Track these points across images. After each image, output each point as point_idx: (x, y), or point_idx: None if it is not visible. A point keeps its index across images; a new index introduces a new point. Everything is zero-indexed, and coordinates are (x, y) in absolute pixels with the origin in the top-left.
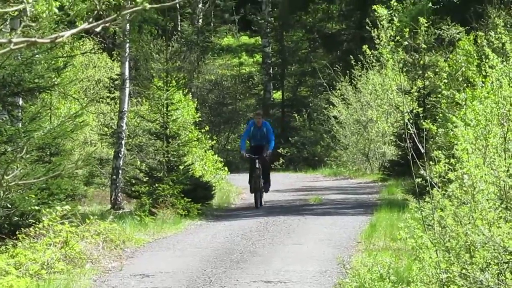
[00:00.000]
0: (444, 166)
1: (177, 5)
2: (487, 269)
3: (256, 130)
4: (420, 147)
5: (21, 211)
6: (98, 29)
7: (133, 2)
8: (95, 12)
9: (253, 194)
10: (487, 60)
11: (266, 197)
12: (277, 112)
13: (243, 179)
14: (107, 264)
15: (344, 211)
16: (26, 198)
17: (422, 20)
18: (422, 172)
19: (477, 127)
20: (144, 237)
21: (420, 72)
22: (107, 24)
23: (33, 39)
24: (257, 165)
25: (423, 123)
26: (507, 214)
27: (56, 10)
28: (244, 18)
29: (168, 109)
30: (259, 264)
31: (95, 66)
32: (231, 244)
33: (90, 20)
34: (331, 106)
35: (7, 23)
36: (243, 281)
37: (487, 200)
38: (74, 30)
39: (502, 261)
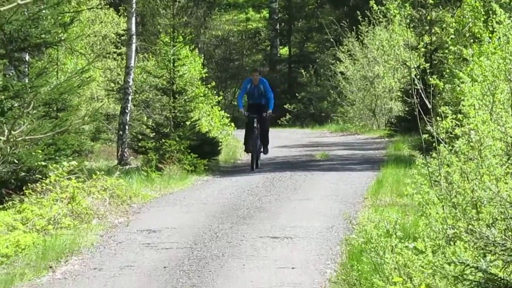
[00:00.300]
0: (451, 122)
1: None
2: (493, 225)
3: (253, 88)
4: (427, 102)
5: (27, 167)
6: None
7: None
8: None
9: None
10: (494, 16)
11: (273, 153)
12: (283, 68)
13: None
14: (113, 220)
15: (350, 167)
16: (33, 153)
17: None
18: (428, 128)
19: (484, 83)
20: (151, 193)
21: (427, 27)
22: None
23: None
24: (255, 125)
25: (430, 78)
26: None
27: None
28: None
29: (175, 64)
30: (266, 220)
31: (101, 22)
32: (237, 199)
33: None
34: (337, 62)
35: None
36: (249, 236)
37: (494, 156)
38: None
39: (508, 217)
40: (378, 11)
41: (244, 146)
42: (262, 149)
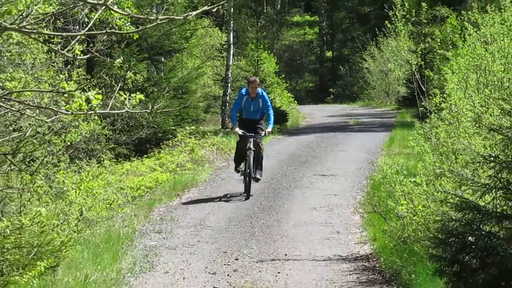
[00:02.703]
0: (439, 99)
1: None
2: (466, 166)
3: (250, 102)
4: (422, 87)
5: (163, 130)
6: (213, 10)
7: None
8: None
9: (241, 175)
10: (466, 30)
11: (321, 120)
12: (328, 65)
13: (307, 108)
14: (219, 164)
15: (372, 129)
16: (166, 121)
17: (423, 4)
18: (424, 103)
19: (460, 74)
20: None
21: (422, 38)
22: (218, 7)
23: (171, 17)
24: (251, 145)
25: (425, 71)
26: (480, 130)
27: None
28: (307, 3)
29: (258, 63)
30: (318, 164)
31: (210, 36)
32: (299, 151)
33: (208, 4)
34: (364, 61)
35: (154, 8)
36: (307, 174)
37: (467, 121)
38: (198, 11)
39: (476, 161)
40: (390, 28)
41: (234, 164)
42: (256, 175)
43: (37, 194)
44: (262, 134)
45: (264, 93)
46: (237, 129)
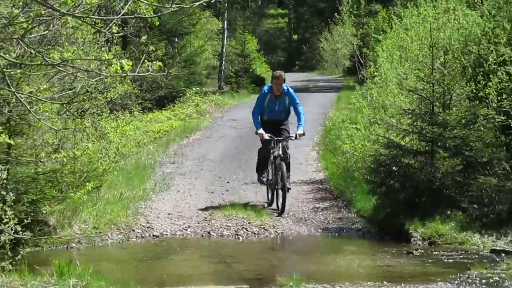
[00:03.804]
0: (373, 69)
1: None
2: (392, 117)
3: (273, 101)
4: (361, 60)
5: (176, 90)
6: (212, 2)
7: None
8: None
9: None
10: (392, 20)
11: (291, 84)
12: (294, 45)
13: None
14: (216, 115)
15: (325, 91)
16: (178, 83)
17: (362, 1)
18: (362, 72)
19: (387, 51)
20: (233, 102)
21: (361, 26)
22: (216, 1)
23: (181, 5)
24: (279, 152)
25: (363, 49)
26: (402, 91)
27: None
28: (280, 0)
29: (244, 43)
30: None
31: (210, 23)
32: None
33: None
34: (320, 42)
35: (170, 0)
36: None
37: (392, 85)
38: (199, 2)
39: (399, 113)
40: (339, 18)
41: (257, 173)
42: (287, 184)
43: (86, 134)
44: (293, 138)
45: (290, 90)
46: (261, 131)
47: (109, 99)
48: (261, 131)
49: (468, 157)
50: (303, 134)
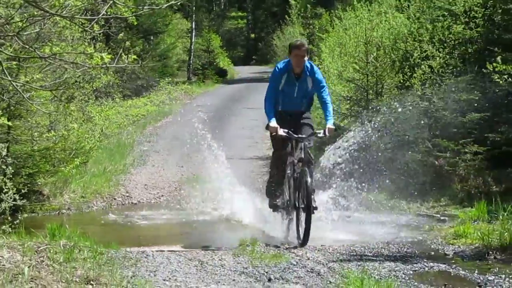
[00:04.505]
0: (317, 62)
1: None
2: (333, 103)
3: (292, 82)
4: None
5: (152, 80)
6: (179, 4)
7: None
8: None
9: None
10: (334, 21)
11: (246, 75)
12: (252, 42)
13: (239, 68)
14: (185, 101)
15: None
16: (154, 75)
17: (308, 5)
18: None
19: (329, 48)
20: (200, 91)
21: (308, 26)
22: (182, 2)
23: (152, 7)
24: (301, 155)
25: (311, 46)
26: (341, 81)
27: None
28: (240, 4)
29: (209, 40)
30: (245, 101)
31: (181, 24)
32: (234, 93)
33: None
34: (273, 40)
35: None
36: (239, 107)
37: (334, 76)
38: (167, 4)
39: (339, 99)
40: (289, 19)
41: (268, 197)
42: (313, 200)
43: (74, 117)
44: (321, 135)
45: (315, 67)
46: (274, 123)
47: (94, 88)
48: (273, 123)
49: (397, 136)
50: (335, 130)
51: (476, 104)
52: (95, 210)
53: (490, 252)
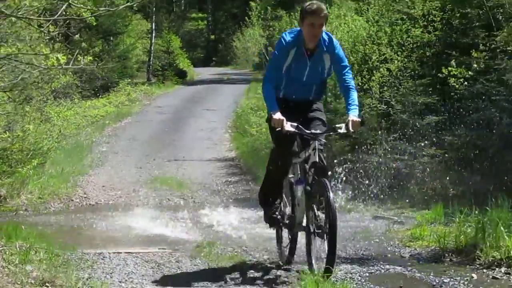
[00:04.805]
0: None
1: None
2: None
3: (303, 59)
4: (267, 57)
5: (111, 81)
6: (138, 3)
7: None
8: None
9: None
10: (294, 24)
11: (208, 76)
12: (212, 44)
13: (199, 69)
14: (145, 102)
15: (238, 82)
16: (113, 76)
17: (269, 7)
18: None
19: None
20: (160, 92)
21: (268, 27)
22: (142, 3)
23: (109, 9)
24: (315, 158)
25: (269, 47)
26: None
27: None
28: (200, 5)
29: (169, 41)
30: (205, 103)
31: (141, 24)
32: (193, 94)
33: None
34: (233, 41)
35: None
36: (198, 109)
37: None
38: (124, 5)
39: None
40: (249, 21)
41: (262, 207)
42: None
43: (32, 118)
44: (342, 130)
45: (334, 41)
46: (278, 115)
47: (53, 88)
48: (278, 115)
49: (355, 139)
50: (362, 124)
51: (433, 107)
52: (52, 211)
53: (446, 255)
